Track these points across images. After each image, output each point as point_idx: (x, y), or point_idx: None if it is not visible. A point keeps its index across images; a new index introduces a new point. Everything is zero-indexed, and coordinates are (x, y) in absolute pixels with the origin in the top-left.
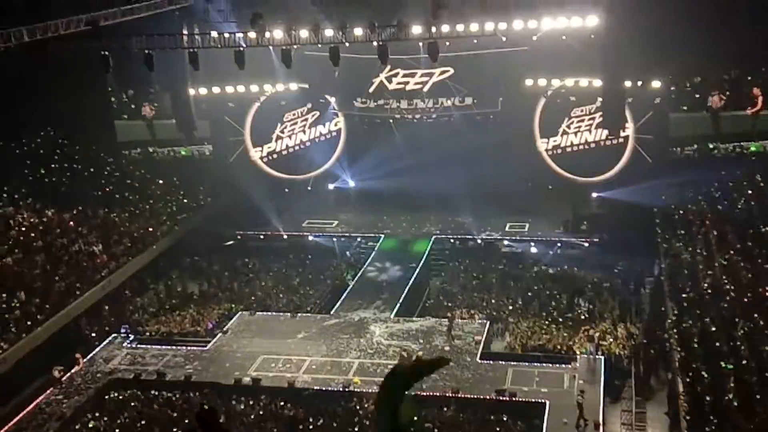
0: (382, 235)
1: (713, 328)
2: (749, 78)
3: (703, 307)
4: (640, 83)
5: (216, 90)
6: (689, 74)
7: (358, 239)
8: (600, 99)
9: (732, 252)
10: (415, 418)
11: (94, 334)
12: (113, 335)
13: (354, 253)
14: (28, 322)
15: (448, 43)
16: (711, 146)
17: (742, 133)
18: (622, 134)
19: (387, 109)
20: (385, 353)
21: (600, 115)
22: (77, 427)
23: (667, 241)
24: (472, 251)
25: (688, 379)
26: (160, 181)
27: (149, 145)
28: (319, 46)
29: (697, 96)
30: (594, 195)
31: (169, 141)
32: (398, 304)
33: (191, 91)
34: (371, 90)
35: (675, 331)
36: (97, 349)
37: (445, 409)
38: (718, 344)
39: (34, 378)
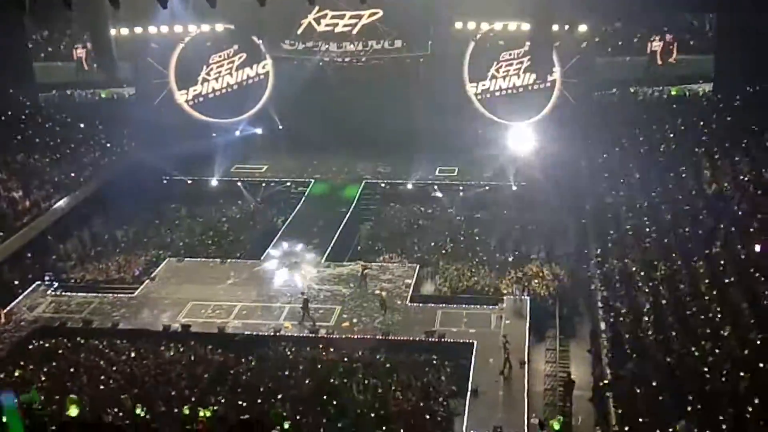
0: (312, 180)
1: (634, 269)
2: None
3: (625, 248)
4: (567, 27)
5: (138, 30)
6: (613, 18)
7: (288, 184)
8: (528, 43)
9: (653, 194)
10: None
11: (16, 282)
12: (37, 283)
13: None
14: None
15: None
16: (632, 90)
17: (667, 76)
18: (550, 78)
19: (316, 51)
20: (316, 298)
21: (528, 59)
22: (2, 376)
23: (592, 184)
24: (401, 196)
25: (610, 318)
26: (82, 125)
27: (68, 88)
28: None
29: (620, 42)
30: (521, 138)
31: (89, 83)
32: (329, 249)
33: (112, 32)
34: (299, 32)
35: (598, 271)
36: (20, 297)
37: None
38: (638, 284)
39: None
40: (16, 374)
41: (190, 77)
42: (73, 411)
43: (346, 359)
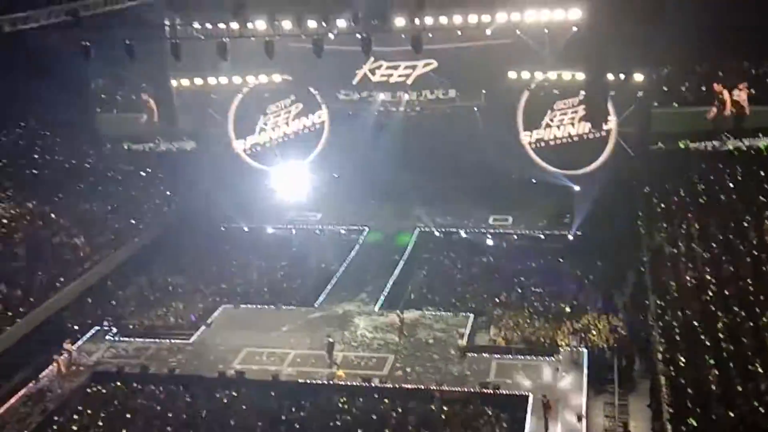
0: (367, 228)
1: (695, 321)
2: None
3: (685, 300)
4: (622, 76)
5: (198, 81)
6: (664, 66)
7: (343, 232)
8: (583, 92)
9: (714, 245)
10: None
11: (76, 327)
12: (96, 328)
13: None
14: (9, 314)
15: (431, 36)
16: (682, 145)
17: (723, 128)
18: (605, 127)
19: (371, 101)
20: (369, 346)
21: (583, 108)
22: (60, 420)
23: (650, 234)
24: (455, 244)
25: (670, 372)
26: (142, 173)
27: (126, 140)
28: (303, 37)
29: (665, 89)
30: (576, 188)
31: (148, 135)
32: (382, 297)
33: (173, 83)
34: (355, 82)
35: (657, 323)
36: (80, 342)
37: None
38: (700, 337)
39: (16, 371)
40: (74, 419)
41: (248, 127)
42: None
43: (399, 410)
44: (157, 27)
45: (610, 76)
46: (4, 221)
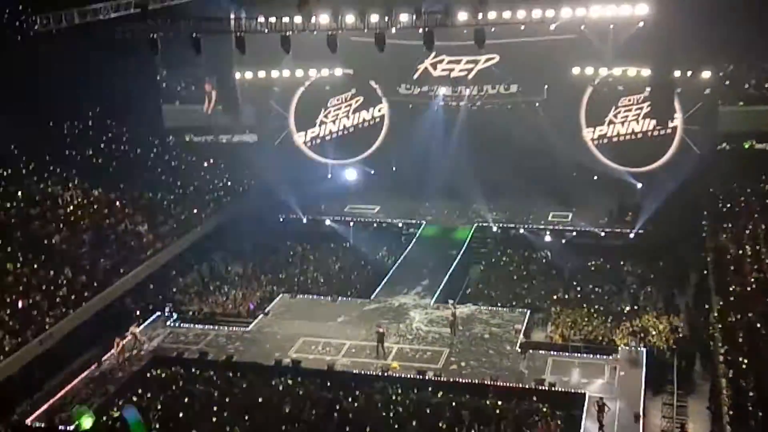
0: (424, 222)
1: (758, 323)
2: None
3: (748, 301)
4: (689, 73)
5: (261, 74)
6: (731, 64)
7: (400, 225)
8: (648, 89)
9: None
10: None
11: (138, 312)
12: (157, 314)
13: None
14: (73, 297)
15: (494, 30)
16: (746, 145)
17: None
18: (670, 125)
19: (431, 95)
20: (424, 339)
21: (648, 105)
22: (120, 402)
23: (714, 234)
24: (514, 240)
25: (731, 374)
26: (206, 164)
27: (189, 132)
28: (365, 31)
29: (729, 86)
30: (639, 186)
31: (211, 128)
32: (438, 291)
33: (237, 75)
34: (416, 76)
35: (719, 325)
36: (142, 326)
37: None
38: (762, 339)
39: (79, 354)
40: (134, 401)
41: (309, 120)
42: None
43: (453, 403)
44: (223, 20)
45: (677, 73)
46: (71, 208)
